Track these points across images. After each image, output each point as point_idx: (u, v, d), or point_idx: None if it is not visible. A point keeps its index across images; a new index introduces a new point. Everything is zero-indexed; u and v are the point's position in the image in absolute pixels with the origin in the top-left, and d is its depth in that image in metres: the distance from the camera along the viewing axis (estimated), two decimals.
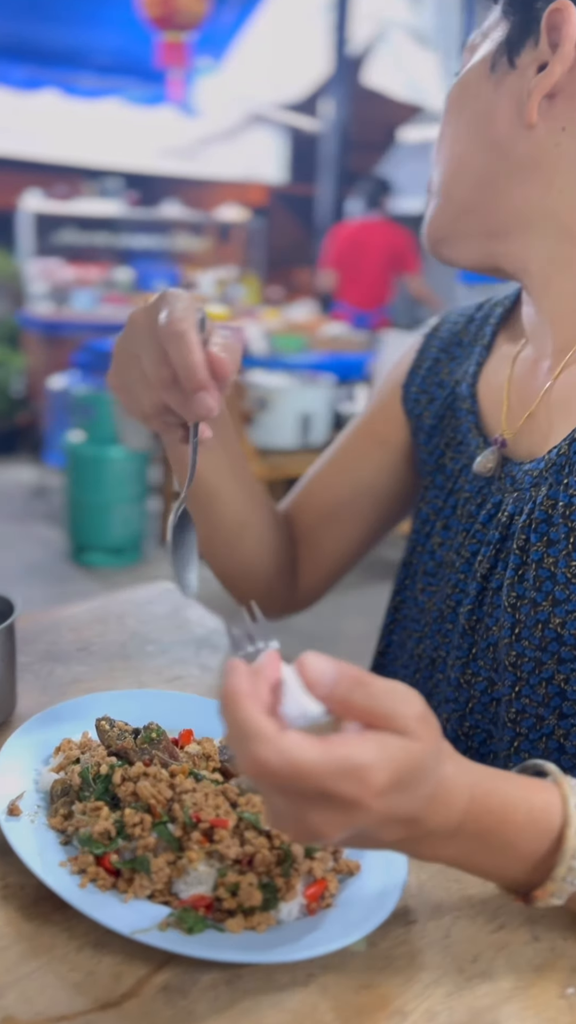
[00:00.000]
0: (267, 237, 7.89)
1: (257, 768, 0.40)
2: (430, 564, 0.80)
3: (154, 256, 7.47)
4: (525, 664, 0.68)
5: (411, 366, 0.88)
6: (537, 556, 0.68)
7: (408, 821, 0.44)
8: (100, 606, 0.95)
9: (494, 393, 0.79)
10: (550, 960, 0.51)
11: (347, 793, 0.40)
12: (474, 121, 0.70)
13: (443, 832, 0.46)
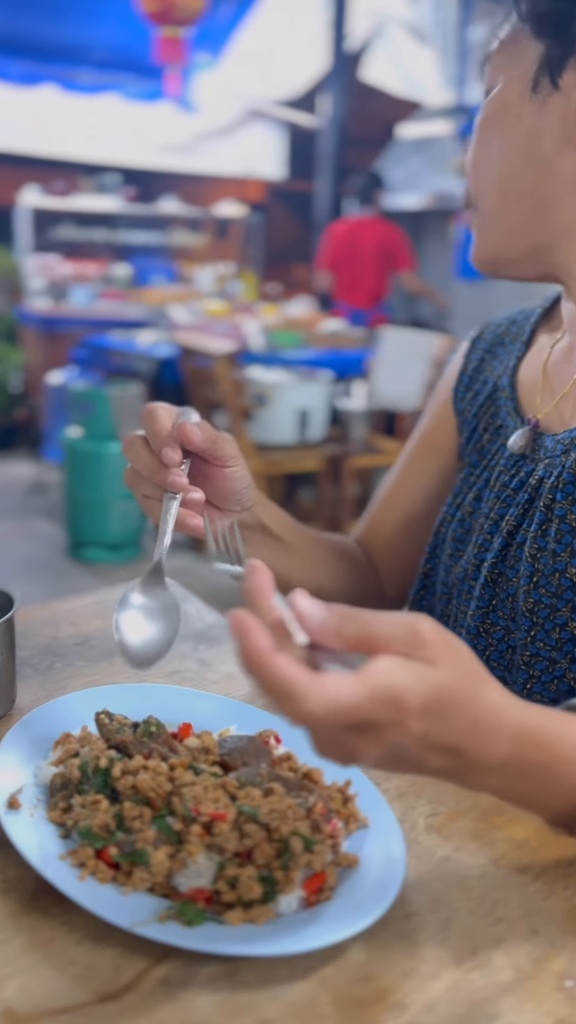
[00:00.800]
0: (265, 233, 7.88)
1: (305, 720, 0.42)
2: (459, 531, 0.84)
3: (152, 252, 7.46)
4: (541, 611, 0.72)
5: (460, 370, 0.93)
6: (561, 512, 0.73)
7: (451, 750, 0.46)
8: (99, 600, 0.95)
9: (531, 379, 0.84)
10: (549, 953, 0.51)
11: (386, 719, 0.43)
12: (520, 141, 0.72)
13: (489, 764, 0.48)
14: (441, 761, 0.47)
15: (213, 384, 3.36)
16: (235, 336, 4.04)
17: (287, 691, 0.42)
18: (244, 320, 4.52)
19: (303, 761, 0.62)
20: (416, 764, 0.47)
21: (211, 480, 0.74)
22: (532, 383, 0.84)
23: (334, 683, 0.42)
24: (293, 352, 3.99)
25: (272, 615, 0.45)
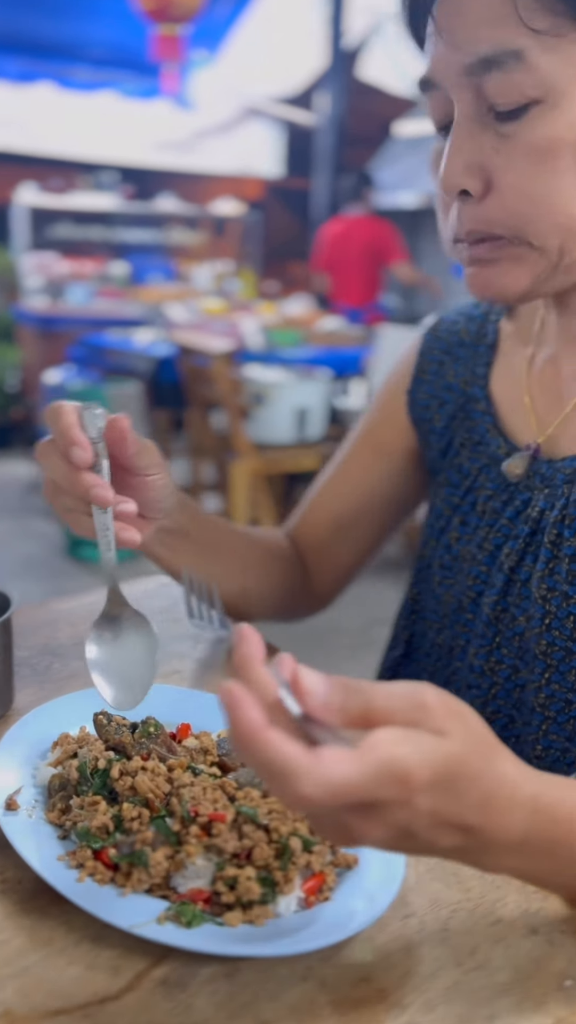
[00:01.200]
0: (263, 231, 7.87)
1: (301, 804, 0.39)
2: (446, 558, 0.81)
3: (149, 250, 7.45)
4: (555, 653, 0.70)
5: (414, 371, 0.87)
6: (570, 551, 0.70)
7: (464, 828, 0.42)
8: (98, 600, 0.95)
9: (512, 395, 0.79)
10: (548, 953, 0.51)
11: (391, 797, 0.39)
12: None
13: (506, 842, 0.44)
14: (453, 840, 0.43)
15: (211, 383, 3.36)
16: (233, 335, 4.03)
17: (281, 771, 0.38)
18: (242, 318, 4.52)
19: None
20: (426, 844, 0.43)
21: (132, 489, 0.70)
22: (513, 399, 0.79)
23: (332, 760, 0.38)
24: (291, 351, 3.98)
25: (264, 686, 0.41)
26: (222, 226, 7.89)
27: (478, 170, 0.62)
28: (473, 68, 0.60)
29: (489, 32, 0.59)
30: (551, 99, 0.59)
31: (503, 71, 0.59)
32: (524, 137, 0.60)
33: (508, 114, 0.60)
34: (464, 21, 0.60)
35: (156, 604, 0.96)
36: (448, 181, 0.63)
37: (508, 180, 0.61)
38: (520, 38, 0.58)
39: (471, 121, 0.62)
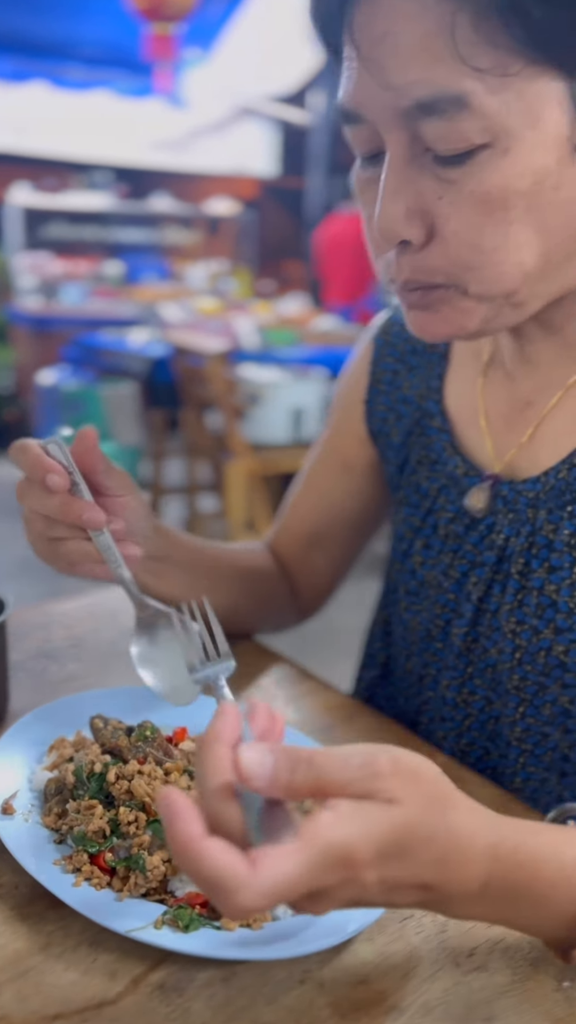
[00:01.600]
0: (258, 230, 7.87)
1: (243, 915, 0.38)
2: (412, 583, 0.79)
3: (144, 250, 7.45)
4: (528, 687, 0.68)
5: (369, 380, 0.85)
6: (539, 583, 0.67)
7: (420, 887, 0.42)
8: (93, 603, 0.95)
9: (467, 413, 0.76)
10: (546, 954, 0.51)
11: (335, 880, 0.39)
12: (563, 215, 0.55)
13: (465, 894, 0.43)
14: (412, 898, 0.42)
15: (206, 383, 3.35)
16: (228, 334, 4.03)
17: (218, 884, 0.37)
18: (237, 318, 4.52)
19: None
20: (384, 903, 0.42)
21: (107, 513, 0.69)
22: (468, 418, 0.76)
23: (270, 866, 0.37)
24: (286, 350, 3.98)
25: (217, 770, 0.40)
26: (216, 225, 7.88)
27: (419, 217, 0.56)
28: (408, 112, 0.53)
29: (424, 72, 0.51)
30: (501, 144, 0.52)
31: (443, 118, 0.52)
32: (470, 185, 0.54)
33: (451, 159, 0.54)
34: (392, 53, 0.52)
35: None
36: (387, 231, 0.57)
37: (452, 228, 0.56)
38: (462, 79, 0.51)
39: (407, 164, 0.55)
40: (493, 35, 0.50)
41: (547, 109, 0.52)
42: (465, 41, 0.50)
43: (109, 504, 0.70)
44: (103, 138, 7.34)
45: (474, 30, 0.50)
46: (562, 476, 0.67)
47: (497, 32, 0.49)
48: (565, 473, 0.66)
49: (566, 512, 0.66)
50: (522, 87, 0.51)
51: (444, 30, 0.50)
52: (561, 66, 0.51)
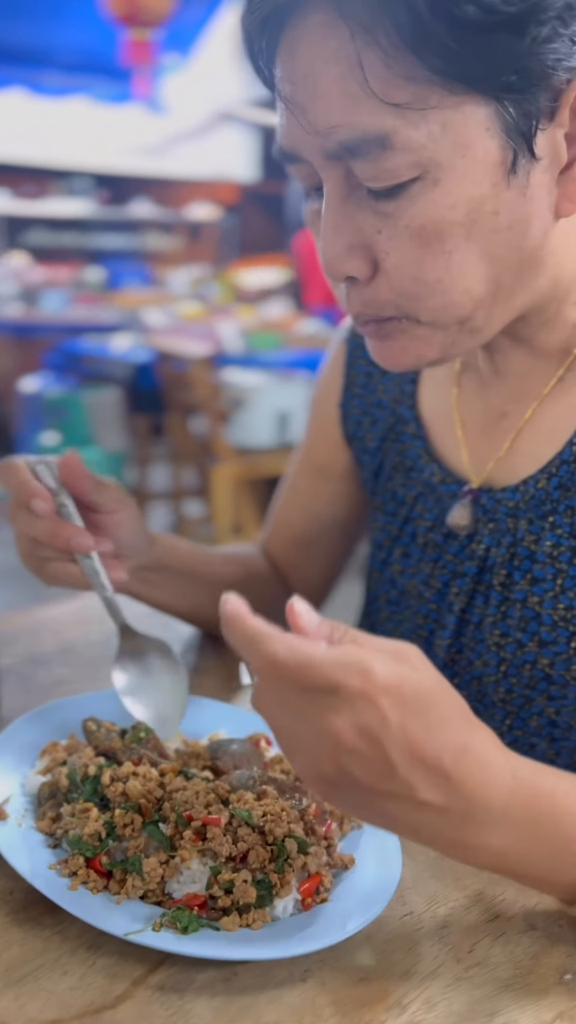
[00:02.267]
0: (239, 235, 7.88)
1: (269, 662, 0.42)
2: (392, 593, 0.78)
3: (125, 256, 7.44)
4: (515, 700, 0.68)
5: (343, 383, 0.84)
6: (521, 595, 0.67)
7: (441, 773, 0.42)
8: (82, 607, 0.94)
9: (440, 419, 0.76)
10: (546, 947, 0.51)
11: (353, 685, 0.41)
12: (504, 240, 0.55)
13: (487, 806, 0.44)
14: (433, 792, 0.43)
15: (190, 388, 3.35)
16: (211, 339, 4.03)
17: (255, 637, 0.43)
18: (220, 322, 4.52)
19: None
20: (405, 790, 0.42)
21: (100, 529, 0.72)
22: (442, 425, 0.75)
23: (302, 638, 0.43)
24: (270, 354, 3.98)
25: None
26: (197, 231, 7.88)
27: (361, 252, 0.56)
28: (335, 153, 0.53)
29: (343, 115, 0.51)
30: (431, 176, 0.52)
31: (368, 159, 0.52)
32: (405, 219, 0.53)
33: (385, 192, 0.53)
34: (312, 98, 0.52)
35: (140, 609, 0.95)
36: (331, 267, 0.57)
37: (393, 262, 0.55)
38: (381, 118, 0.50)
39: (344, 201, 0.55)
40: (408, 70, 0.49)
41: (475, 136, 0.51)
42: (378, 79, 0.50)
43: (101, 521, 0.71)
44: (82, 144, 7.32)
45: (386, 67, 0.50)
46: (541, 486, 0.66)
47: (412, 67, 0.49)
48: (544, 483, 0.66)
49: (547, 523, 0.66)
50: (446, 117, 0.51)
51: (356, 72, 0.50)
52: (483, 91, 0.50)
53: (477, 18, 0.48)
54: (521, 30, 0.49)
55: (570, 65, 0.50)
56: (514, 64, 0.50)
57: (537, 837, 0.46)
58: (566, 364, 0.66)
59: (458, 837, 0.45)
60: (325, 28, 0.51)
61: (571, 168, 0.54)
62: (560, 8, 0.49)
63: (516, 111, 0.51)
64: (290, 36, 0.53)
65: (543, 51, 0.49)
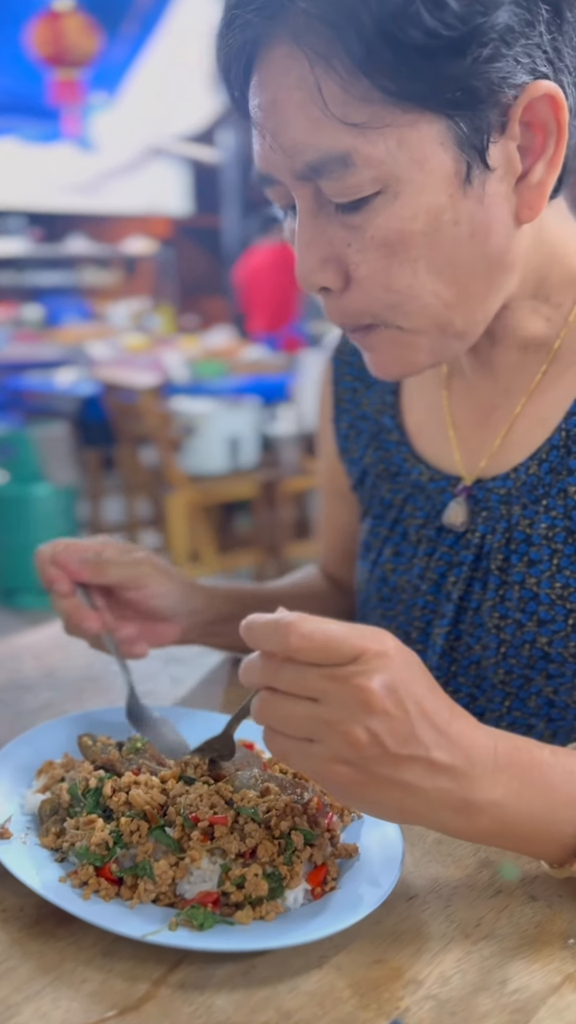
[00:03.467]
0: (176, 268, 7.93)
1: (298, 635, 0.45)
2: (385, 590, 0.80)
3: (63, 292, 7.42)
4: (514, 681, 0.70)
5: (333, 400, 0.88)
6: (519, 577, 0.69)
7: (442, 731, 0.47)
8: (60, 632, 0.94)
9: (429, 423, 0.79)
10: (548, 916, 0.53)
11: (374, 647, 0.45)
12: (467, 247, 0.58)
13: (484, 763, 0.48)
14: (440, 749, 0.46)
15: (139, 418, 3.35)
16: (157, 369, 4.04)
17: (278, 625, 0.45)
18: (165, 353, 4.54)
19: None
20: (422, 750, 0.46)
21: (135, 604, 0.77)
22: (432, 428, 0.78)
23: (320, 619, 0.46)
24: (217, 381, 4.01)
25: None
26: (133, 265, 7.91)
27: (334, 264, 0.59)
28: (304, 173, 0.57)
29: (308, 137, 0.55)
30: (391, 189, 0.56)
31: (333, 177, 0.55)
32: (371, 230, 0.57)
33: (350, 207, 0.57)
34: (279, 122, 0.56)
35: None
36: (306, 280, 0.60)
37: (364, 273, 0.59)
38: (342, 137, 0.54)
39: (315, 216, 0.59)
40: (364, 92, 0.53)
41: (430, 150, 0.55)
42: (337, 103, 0.54)
43: (132, 597, 0.76)
44: (14, 184, 7.30)
45: (344, 91, 0.53)
46: (532, 472, 0.69)
47: (367, 89, 0.53)
48: (535, 468, 0.69)
49: (541, 506, 0.68)
50: (402, 134, 0.54)
51: (316, 97, 0.54)
52: (433, 109, 0.54)
53: (422, 42, 0.51)
54: (463, 52, 0.52)
55: (515, 82, 0.54)
56: (459, 83, 0.53)
57: (526, 783, 0.49)
58: (549, 357, 0.69)
59: (465, 796, 0.48)
60: (288, 59, 0.55)
61: (527, 177, 0.58)
62: (501, 31, 0.53)
63: (467, 126, 0.55)
64: (259, 68, 0.57)
65: (487, 70, 0.53)
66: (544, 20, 0.54)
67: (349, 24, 0.52)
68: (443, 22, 0.51)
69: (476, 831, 0.50)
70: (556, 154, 0.57)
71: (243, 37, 0.56)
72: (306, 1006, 0.46)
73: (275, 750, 0.48)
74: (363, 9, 0.51)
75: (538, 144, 0.57)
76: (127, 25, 7.18)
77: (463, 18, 0.51)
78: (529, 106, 0.56)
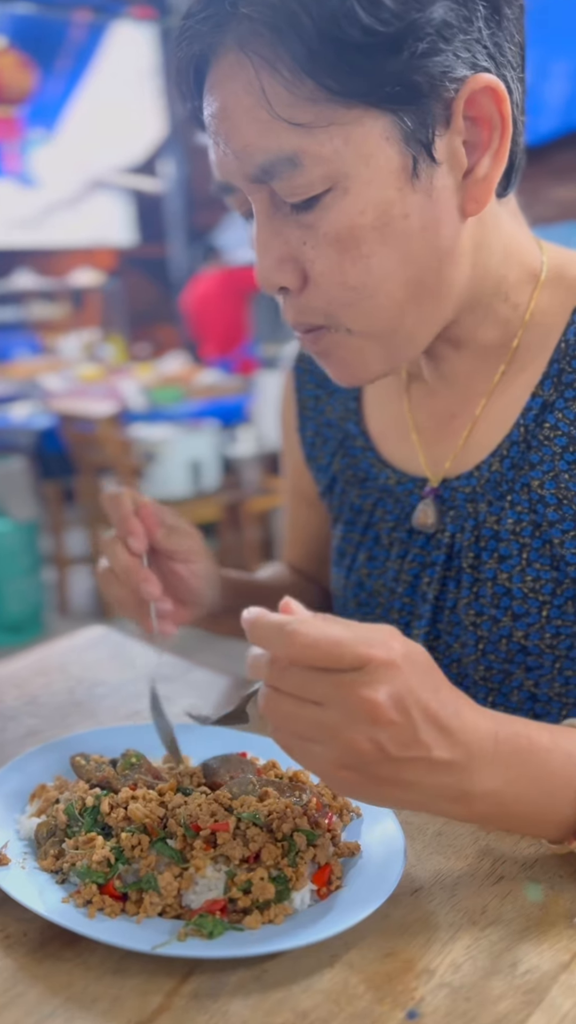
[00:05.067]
0: (124, 298, 7.93)
1: (302, 644, 0.45)
2: (361, 595, 0.81)
3: (10, 327, 7.37)
4: (495, 676, 0.71)
5: (297, 408, 0.89)
6: (491, 574, 0.70)
7: (445, 729, 0.47)
8: (39, 659, 0.93)
9: (392, 428, 0.80)
10: (551, 897, 0.53)
11: (380, 656, 0.45)
12: (418, 241, 0.59)
13: (483, 752, 0.48)
14: (442, 748, 0.47)
15: (99, 447, 3.34)
16: (114, 397, 4.03)
17: (282, 627, 0.45)
18: (121, 381, 4.53)
19: (286, 767, 0.63)
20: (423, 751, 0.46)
21: (173, 577, 0.76)
22: (395, 433, 0.79)
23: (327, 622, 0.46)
24: (175, 407, 4.02)
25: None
26: (80, 297, 7.90)
27: (291, 264, 0.60)
28: (256, 176, 0.58)
29: (257, 140, 0.56)
30: (340, 186, 0.57)
31: (284, 178, 0.57)
32: (323, 226, 0.58)
33: (303, 205, 0.58)
34: (230, 128, 0.58)
35: (100, 653, 0.95)
36: (265, 280, 0.61)
37: (319, 270, 0.60)
38: (290, 138, 0.55)
39: (271, 217, 0.60)
40: (308, 93, 0.55)
41: (375, 146, 0.56)
42: (283, 104, 0.55)
43: (177, 569, 0.75)
44: None
45: (289, 93, 0.55)
46: (495, 469, 0.70)
47: (311, 90, 0.54)
48: (497, 465, 0.70)
49: (506, 502, 0.70)
50: (348, 131, 0.56)
51: (263, 100, 0.55)
52: (375, 105, 0.55)
53: (360, 40, 0.53)
54: (400, 47, 0.54)
55: (455, 76, 0.56)
56: (398, 78, 0.54)
57: (524, 770, 0.50)
58: (507, 357, 0.70)
59: (464, 788, 0.49)
60: (235, 66, 0.56)
61: (473, 172, 0.59)
62: (438, 26, 0.54)
63: (412, 121, 0.56)
64: (210, 77, 0.58)
65: (426, 64, 0.55)
66: (482, 16, 0.56)
67: (290, 27, 0.53)
68: (379, 19, 0.52)
69: (475, 816, 0.51)
70: (501, 147, 0.59)
71: (193, 49, 0.58)
72: (322, 1004, 0.46)
73: (280, 743, 0.49)
74: (302, 12, 0.53)
75: (484, 138, 0.58)
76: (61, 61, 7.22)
77: (398, 14, 0.53)
78: (471, 99, 0.57)
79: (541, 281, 0.69)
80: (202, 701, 0.84)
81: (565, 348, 0.67)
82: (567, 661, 0.69)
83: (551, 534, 0.67)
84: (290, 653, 0.45)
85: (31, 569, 3.61)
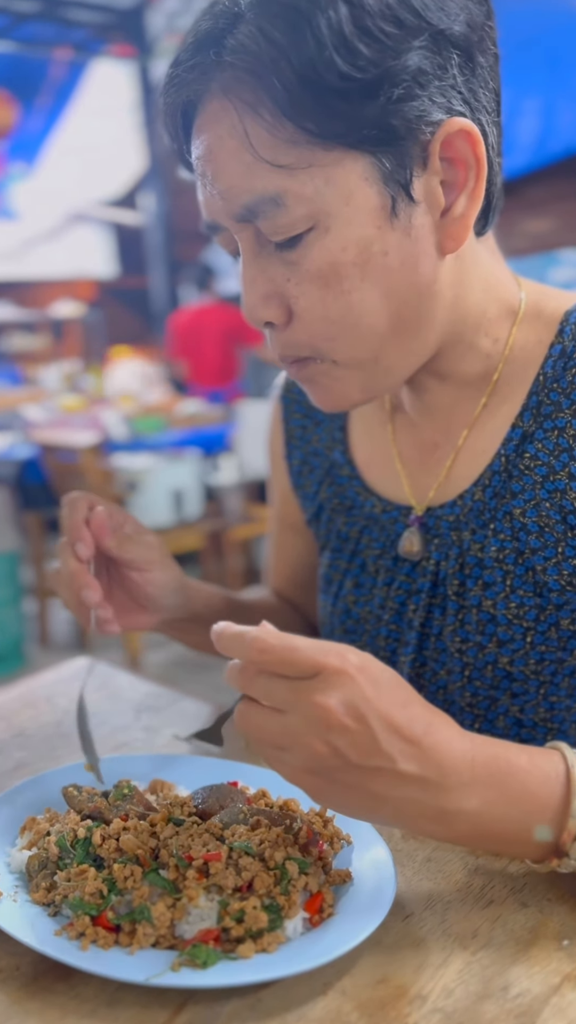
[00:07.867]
0: (105, 330, 7.97)
1: (259, 649, 0.48)
2: (348, 622, 0.82)
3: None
4: (480, 703, 0.72)
5: (284, 437, 0.90)
6: (476, 600, 0.72)
7: (414, 741, 0.49)
8: (26, 691, 0.93)
9: (377, 457, 0.81)
10: (541, 920, 0.54)
11: (333, 664, 0.48)
12: (397, 278, 0.61)
13: (458, 773, 0.50)
14: (409, 761, 0.48)
15: (81, 477, 3.34)
16: (96, 427, 4.04)
17: (244, 636, 0.48)
18: (102, 411, 4.54)
19: (277, 795, 0.64)
20: (387, 762, 0.48)
21: (127, 582, 0.78)
22: (379, 462, 0.81)
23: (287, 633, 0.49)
24: (156, 436, 4.03)
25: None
26: (60, 328, 7.93)
27: (276, 300, 0.63)
28: (242, 215, 0.60)
29: (242, 181, 0.58)
30: (322, 224, 0.59)
31: (268, 217, 0.59)
32: (306, 264, 0.60)
33: (287, 244, 0.60)
34: (215, 170, 0.60)
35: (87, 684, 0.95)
36: (251, 315, 0.64)
37: (303, 306, 0.62)
38: (272, 179, 0.57)
39: (257, 255, 0.62)
40: (290, 135, 0.57)
41: (355, 186, 0.58)
42: (265, 147, 0.57)
43: (134, 577, 0.77)
44: None
45: (271, 135, 0.57)
46: (477, 498, 0.72)
47: (292, 132, 0.57)
48: (480, 494, 0.72)
49: (489, 530, 0.71)
50: (328, 172, 0.58)
51: (246, 143, 0.58)
52: (354, 147, 0.57)
53: (338, 85, 0.55)
54: (376, 92, 0.56)
55: (431, 120, 0.58)
56: (375, 122, 0.57)
57: (503, 792, 0.51)
58: (487, 390, 0.72)
59: (439, 806, 0.50)
60: (220, 111, 0.59)
61: (450, 211, 0.62)
62: (413, 72, 0.57)
63: (390, 162, 0.58)
64: (197, 122, 0.61)
65: (402, 109, 0.57)
66: (456, 64, 0.58)
67: (271, 74, 0.55)
68: (355, 65, 0.55)
69: (455, 836, 0.52)
70: (477, 187, 0.61)
71: (180, 95, 0.60)
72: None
73: (258, 753, 0.51)
74: (282, 59, 0.55)
75: (460, 178, 0.61)
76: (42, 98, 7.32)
77: (375, 61, 0.55)
78: (447, 142, 0.59)
79: (520, 316, 0.71)
80: (189, 730, 0.84)
81: (543, 381, 0.69)
82: (551, 687, 0.70)
83: (534, 561, 0.69)
84: (249, 657, 0.48)
85: (12, 600, 3.59)
